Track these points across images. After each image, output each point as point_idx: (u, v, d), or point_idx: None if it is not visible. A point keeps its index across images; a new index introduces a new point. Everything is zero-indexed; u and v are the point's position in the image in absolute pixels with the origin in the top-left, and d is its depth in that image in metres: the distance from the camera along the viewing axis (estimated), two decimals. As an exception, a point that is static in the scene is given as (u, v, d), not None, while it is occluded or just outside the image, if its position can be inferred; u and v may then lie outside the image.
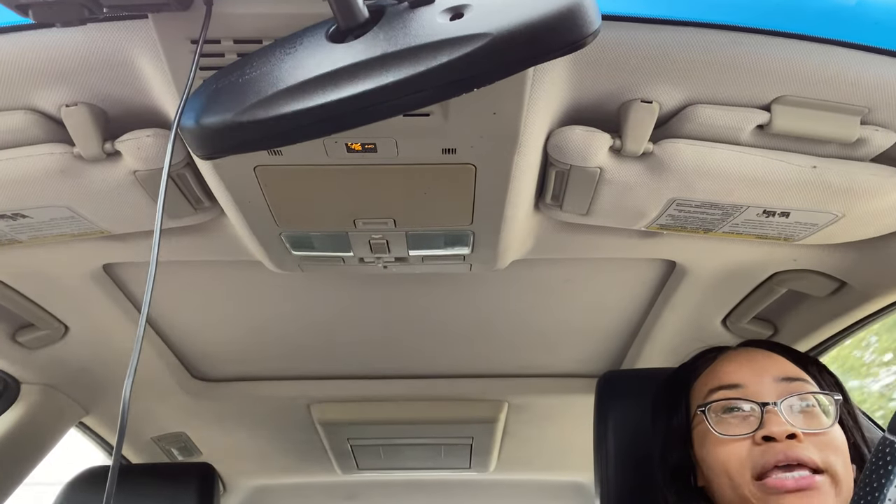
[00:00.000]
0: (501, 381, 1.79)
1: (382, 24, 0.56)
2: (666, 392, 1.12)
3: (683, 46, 0.78)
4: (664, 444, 1.08)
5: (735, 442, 0.95)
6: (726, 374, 1.02)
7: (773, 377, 1.00)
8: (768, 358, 1.05)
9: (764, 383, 0.99)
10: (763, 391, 0.98)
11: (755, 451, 0.93)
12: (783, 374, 1.00)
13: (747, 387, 0.99)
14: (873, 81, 0.81)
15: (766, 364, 1.03)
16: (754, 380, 1.00)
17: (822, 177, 0.90)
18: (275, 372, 1.77)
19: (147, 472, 1.71)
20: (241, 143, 0.59)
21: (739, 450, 0.94)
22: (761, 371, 1.01)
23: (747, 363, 1.03)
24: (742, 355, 1.06)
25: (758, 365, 1.03)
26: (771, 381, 0.99)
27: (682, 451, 1.04)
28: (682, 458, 1.04)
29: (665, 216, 1.02)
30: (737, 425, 0.97)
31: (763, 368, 1.02)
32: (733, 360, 1.05)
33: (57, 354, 1.48)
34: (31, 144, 0.87)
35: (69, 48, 0.77)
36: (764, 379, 1.00)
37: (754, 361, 1.04)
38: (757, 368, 1.02)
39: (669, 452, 1.06)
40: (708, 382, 1.04)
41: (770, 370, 1.01)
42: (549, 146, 0.91)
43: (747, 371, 1.01)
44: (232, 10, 0.66)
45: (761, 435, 0.93)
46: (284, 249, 1.11)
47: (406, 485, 2.43)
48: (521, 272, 1.28)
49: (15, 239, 1.05)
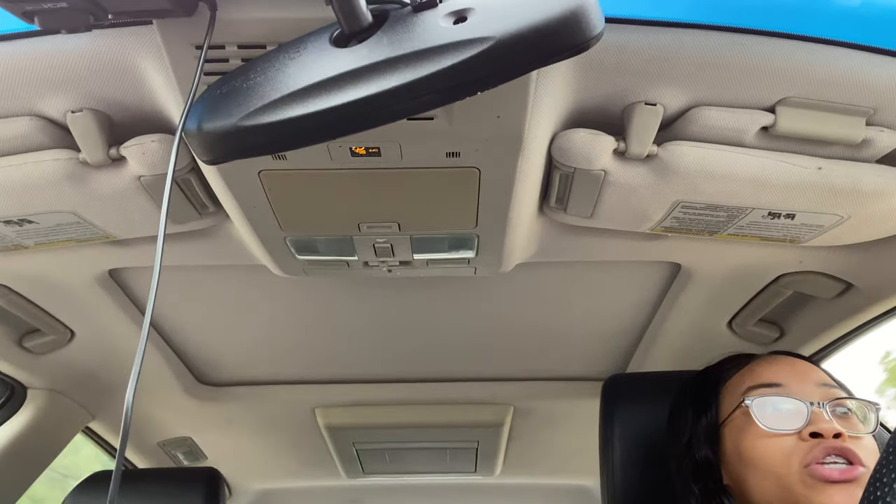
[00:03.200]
0: (507, 385, 1.79)
1: (386, 29, 0.56)
2: (693, 390, 1.13)
3: (687, 48, 0.77)
4: (690, 441, 1.08)
5: (781, 437, 0.96)
6: (768, 374, 1.04)
7: (815, 382, 1.02)
8: (807, 364, 1.08)
9: (806, 385, 1.01)
10: (806, 392, 1.00)
11: (802, 447, 0.95)
12: (822, 380, 1.03)
13: (790, 387, 1.01)
14: (878, 82, 0.80)
15: (807, 369, 1.06)
16: (797, 381, 1.02)
17: (828, 178, 0.90)
18: (280, 376, 1.77)
19: (153, 477, 1.71)
20: (246, 148, 0.59)
21: (785, 444, 0.96)
22: (803, 374, 1.04)
23: (788, 366, 1.06)
24: (781, 359, 1.09)
25: (799, 368, 1.05)
26: (812, 384, 1.01)
27: (708, 448, 1.05)
28: (709, 456, 1.05)
29: (670, 218, 1.02)
30: (782, 421, 0.98)
31: (804, 372, 1.04)
32: (773, 363, 1.07)
33: (63, 359, 1.49)
34: (36, 150, 0.87)
35: (74, 54, 0.77)
36: (806, 381, 1.02)
37: (795, 365, 1.06)
38: (799, 371, 1.04)
39: (697, 449, 1.06)
40: (746, 381, 1.05)
41: (811, 375, 1.04)
42: (553, 149, 0.91)
43: (789, 372, 1.04)
44: (236, 15, 0.66)
45: (809, 431, 0.95)
46: (289, 254, 1.11)
47: (412, 489, 2.42)
48: (525, 275, 1.28)
49: (21, 244, 1.06)
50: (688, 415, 1.10)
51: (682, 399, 1.15)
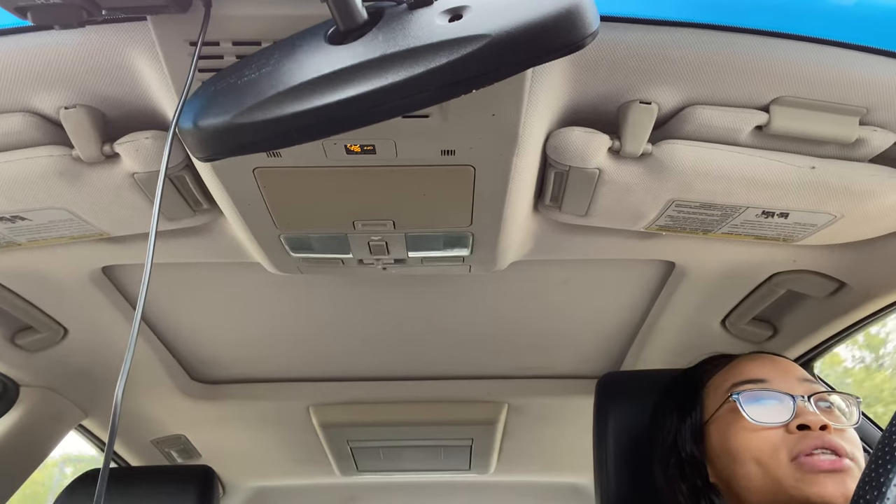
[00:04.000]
0: (501, 383, 1.79)
1: (381, 26, 0.56)
2: (676, 390, 1.14)
3: (682, 47, 0.78)
4: (675, 440, 1.09)
5: (768, 429, 0.98)
6: (751, 370, 1.05)
7: (797, 377, 1.04)
8: (787, 362, 1.10)
9: (790, 380, 1.03)
10: (790, 387, 1.01)
11: (790, 439, 0.96)
12: (804, 376, 1.05)
13: (774, 382, 1.02)
14: (872, 82, 0.81)
15: (788, 365, 1.08)
16: (780, 376, 1.03)
17: (821, 177, 0.90)
18: (274, 374, 1.77)
19: (146, 475, 1.70)
20: (240, 145, 0.59)
21: (773, 437, 0.97)
22: (785, 370, 1.05)
23: (770, 362, 1.08)
24: (763, 356, 1.10)
25: (781, 365, 1.07)
26: (795, 380, 1.03)
27: (694, 446, 1.06)
28: (695, 454, 1.06)
29: (664, 217, 1.02)
30: (769, 414, 0.99)
31: (786, 368, 1.06)
32: (755, 360, 1.09)
33: (56, 357, 1.48)
34: (29, 147, 0.87)
35: (68, 50, 0.76)
36: (789, 377, 1.04)
37: (776, 362, 1.08)
38: (781, 367, 1.06)
39: (683, 448, 1.07)
40: (730, 378, 1.06)
41: (793, 371, 1.06)
42: (548, 147, 0.91)
43: (771, 369, 1.05)
44: (231, 11, 0.66)
45: (797, 424, 0.96)
46: (284, 251, 1.11)
47: (406, 487, 2.43)
48: (520, 273, 1.28)
49: (14, 241, 1.05)
50: (672, 416, 1.11)
51: (664, 401, 1.16)
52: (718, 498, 1.04)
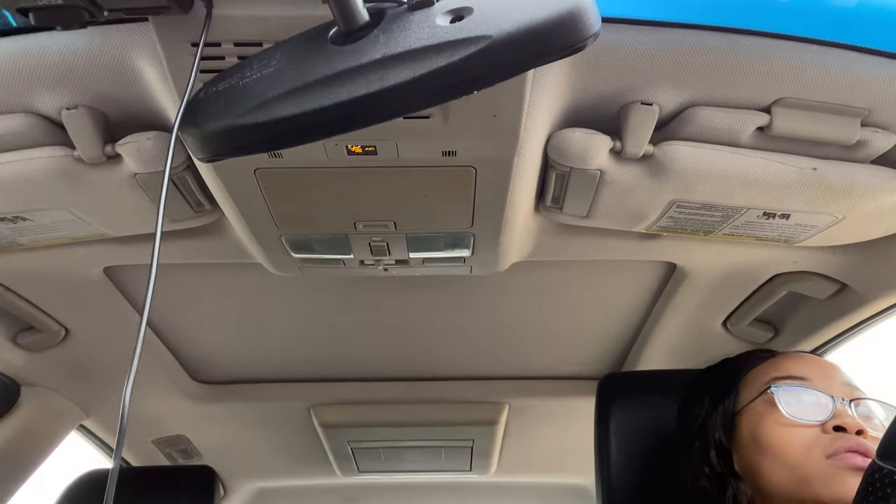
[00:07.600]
0: (502, 384, 1.79)
1: (383, 27, 0.56)
2: (711, 379, 1.14)
3: (683, 49, 0.78)
4: (704, 425, 1.08)
5: (802, 427, 0.97)
6: (793, 368, 1.05)
7: (839, 381, 1.03)
8: (832, 364, 1.09)
9: (831, 382, 1.02)
10: (831, 389, 1.01)
11: (824, 438, 0.95)
12: (846, 380, 1.04)
13: (815, 381, 1.02)
14: (873, 83, 0.81)
15: (832, 368, 1.07)
16: (822, 377, 1.03)
17: (823, 179, 0.90)
18: (275, 374, 1.77)
19: (147, 475, 1.71)
20: (242, 146, 0.59)
21: (807, 434, 0.96)
22: (828, 372, 1.05)
23: (814, 362, 1.07)
24: (807, 356, 1.10)
25: (825, 366, 1.07)
26: (837, 382, 1.03)
27: (723, 433, 1.06)
28: (723, 440, 1.06)
29: (665, 218, 1.02)
30: (806, 412, 0.99)
31: (829, 371, 1.06)
32: (799, 358, 1.08)
33: (57, 357, 1.48)
34: (31, 147, 0.87)
35: (70, 51, 0.77)
36: (831, 379, 1.03)
37: (821, 363, 1.08)
38: (824, 369, 1.05)
39: (711, 433, 1.07)
40: (770, 372, 1.06)
41: (836, 374, 1.05)
42: (549, 148, 0.91)
43: (815, 369, 1.05)
44: (232, 12, 0.66)
45: (833, 424, 0.96)
46: (285, 252, 1.11)
47: (406, 487, 2.43)
48: (521, 274, 1.28)
49: (15, 241, 1.05)
50: (703, 401, 1.11)
51: (697, 387, 1.15)
52: (744, 484, 1.03)
